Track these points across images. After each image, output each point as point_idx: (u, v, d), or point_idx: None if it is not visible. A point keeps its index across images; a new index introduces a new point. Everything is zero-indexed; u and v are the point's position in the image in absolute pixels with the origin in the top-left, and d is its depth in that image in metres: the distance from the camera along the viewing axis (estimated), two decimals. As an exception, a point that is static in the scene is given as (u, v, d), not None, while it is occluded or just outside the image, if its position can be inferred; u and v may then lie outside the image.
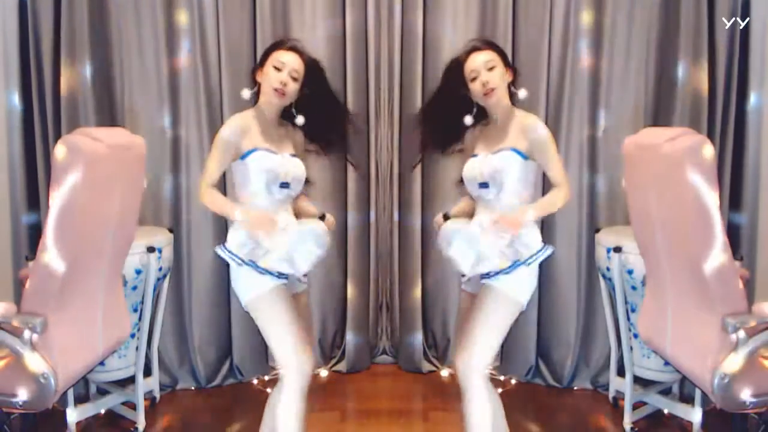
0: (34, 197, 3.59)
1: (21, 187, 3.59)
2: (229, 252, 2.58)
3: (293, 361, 2.52)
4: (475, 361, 2.56)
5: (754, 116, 3.59)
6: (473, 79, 2.65)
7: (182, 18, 3.70)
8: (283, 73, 2.63)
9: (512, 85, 2.71)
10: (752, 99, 3.59)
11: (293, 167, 2.67)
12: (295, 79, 2.65)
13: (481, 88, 2.63)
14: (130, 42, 3.71)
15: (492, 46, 2.73)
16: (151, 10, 3.70)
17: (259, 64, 2.71)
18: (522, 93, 2.69)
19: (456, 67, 2.71)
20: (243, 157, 2.60)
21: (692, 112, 3.63)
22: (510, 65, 2.71)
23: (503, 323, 2.60)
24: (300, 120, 2.70)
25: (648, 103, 3.72)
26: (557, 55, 3.73)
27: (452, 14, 3.90)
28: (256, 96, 2.71)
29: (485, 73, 2.63)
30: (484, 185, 2.65)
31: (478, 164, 2.67)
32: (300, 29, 3.89)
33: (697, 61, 3.60)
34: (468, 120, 2.71)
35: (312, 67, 2.72)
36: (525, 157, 2.61)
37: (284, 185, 2.64)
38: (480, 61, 2.65)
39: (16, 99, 3.55)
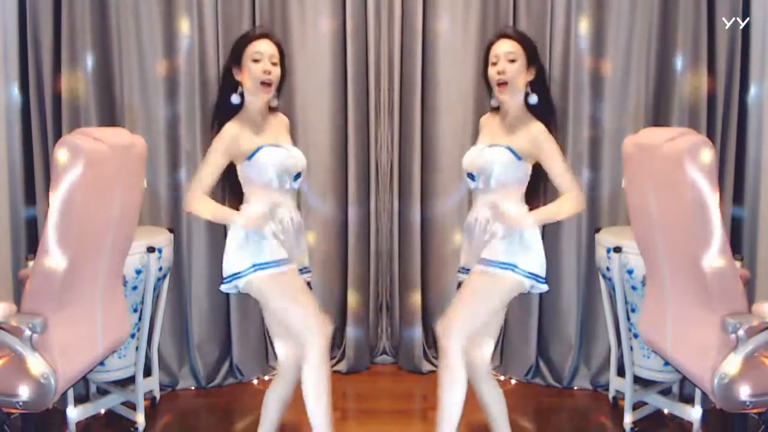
0: (34, 197, 3.59)
1: (21, 188, 3.58)
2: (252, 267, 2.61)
3: (312, 324, 2.57)
4: (455, 325, 2.58)
5: (755, 116, 3.59)
6: (493, 64, 2.68)
7: (181, 17, 3.69)
8: (264, 62, 2.66)
9: (530, 85, 2.70)
10: (752, 99, 3.58)
11: (301, 157, 2.76)
12: (275, 65, 2.69)
13: (495, 76, 2.67)
14: (130, 42, 3.71)
15: (521, 39, 2.71)
16: (150, 10, 3.70)
17: (234, 62, 2.70)
18: (532, 99, 2.69)
19: (488, 48, 2.74)
20: (250, 157, 2.65)
21: (692, 112, 3.64)
22: (535, 63, 2.70)
23: (491, 296, 2.63)
24: (275, 102, 2.77)
25: (648, 103, 3.72)
26: (558, 54, 3.73)
27: (452, 13, 3.90)
28: (242, 96, 2.72)
29: (503, 62, 2.65)
30: (470, 176, 2.73)
31: (472, 155, 2.73)
32: (300, 28, 3.89)
33: (697, 61, 3.60)
34: (493, 102, 2.77)
35: (281, 49, 2.75)
36: (519, 157, 2.64)
37: (297, 176, 2.73)
38: (503, 49, 2.67)
39: (15, 100, 3.54)
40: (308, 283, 2.85)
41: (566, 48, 3.72)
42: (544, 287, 2.69)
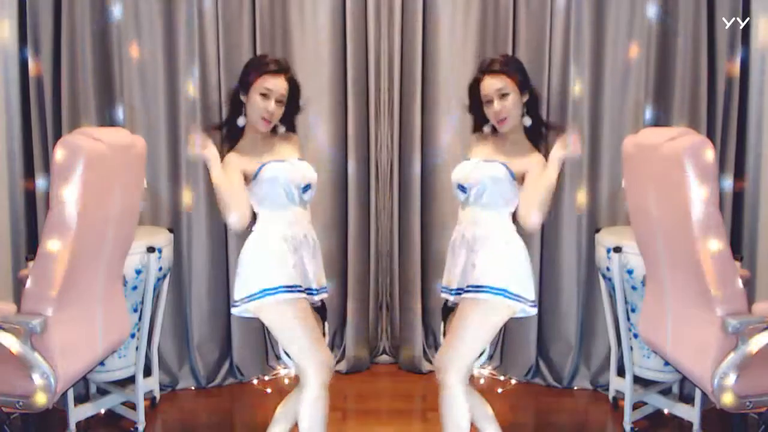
0: (34, 197, 3.59)
1: (20, 187, 3.58)
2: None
3: (314, 358, 2.57)
4: (454, 364, 2.59)
5: (755, 116, 3.59)
6: (488, 102, 2.65)
7: (182, 17, 3.69)
8: (270, 101, 2.62)
9: (525, 106, 2.67)
10: (753, 99, 3.58)
11: (307, 170, 2.72)
12: (280, 102, 2.65)
13: (494, 116, 2.65)
14: (130, 41, 3.71)
15: (507, 69, 2.65)
16: (150, 9, 3.70)
17: (242, 87, 2.66)
18: (527, 121, 2.67)
19: (475, 85, 2.70)
20: (255, 176, 2.63)
21: (692, 112, 3.64)
22: (527, 87, 2.66)
23: (485, 327, 2.61)
24: (282, 129, 2.75)
25: (648, 103, 3.72)
26: (558, 55, 3.73)
27: (452, 12, 3.90)
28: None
29: (498, 101, 2.62)
30: (461, 188, 2.69)
31: (467, 168, 2.70)
32: (300, 29, 3.89)
33: (697, 61, 3.60)
34: (486, 129, 2.75)
35: (293, 85, 2.70)
36: (513, 177, 2.62)
37: (306, 188, 2.70)
38: (493, 88, 2.63)
39: (15, 99, 3.55)
40: (322, 304, 2.81)
41: (566, 48, 3.72)
42: (534, 311, 2.67)
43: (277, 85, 2.63)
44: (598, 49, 3.74)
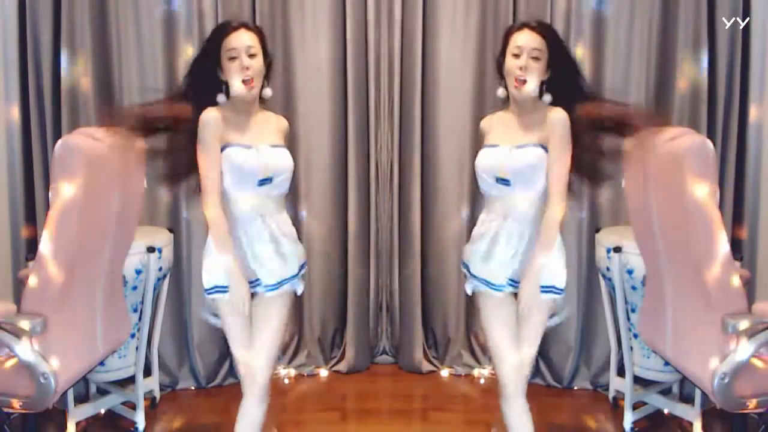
0: (34, 197, 3.59)
1: (20, 187, 3.58)
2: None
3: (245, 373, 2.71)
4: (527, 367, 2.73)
5: (755, 116, 3.59)
6: (514, 55, 2.46)
7: (181, 19, 3.69)
8: (241, 58, 2.42)
9: (545, 83, 2.49)
10: (752, 99, 3.58)
11: (273, 160, 2.49)
12: (253, 56, 2.44)
13: (516, 71, 2.44)
14: (130, 41, 3.71)
15: (548, 35, 2.49)
16: (150, 10, 3.70)
17: (213, 60, 2.47)
18: (547, 98, 2.49)
19: (506, 35, 2.53)
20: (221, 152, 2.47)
21: (692, 112, 3.64)
22: (554, 64, 2.47)
23: (543, 326, 2.69)
24: (268, 92, 2.55)
25: (648, 103, 3.72)
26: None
27: (452, 13, 3.90)
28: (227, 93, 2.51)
29: (526, 58, 2.44)
30: (504, 181, 2.49)
31: (500, 158, 2.49)
32: (300, 29, 3.89)
33: (697, 61, 3.60)
34: (500, 92, 2.56)
35: (262, 36, 2.53)
36: (546, 150, 2.46)
37: (263, 181, 2.48)
38: (528, 44, 2.44)
39: (15, 100, 3.54)
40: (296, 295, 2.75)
41: (566, 48, 3.72)
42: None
43: (241, 39, 2.43)
44: (599, 50, 3.74)
